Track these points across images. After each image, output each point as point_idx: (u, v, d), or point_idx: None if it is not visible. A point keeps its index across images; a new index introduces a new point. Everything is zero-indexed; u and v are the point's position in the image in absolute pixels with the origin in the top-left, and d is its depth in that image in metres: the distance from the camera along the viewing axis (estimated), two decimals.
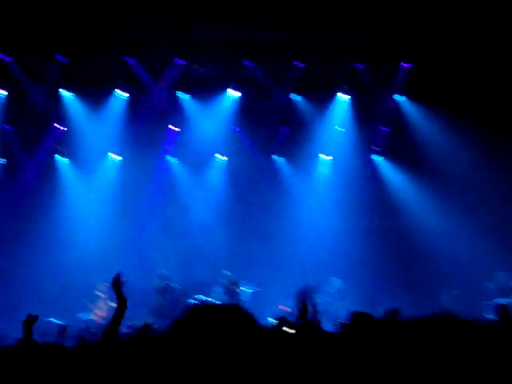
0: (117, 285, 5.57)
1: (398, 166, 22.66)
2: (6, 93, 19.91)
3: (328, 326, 8.43)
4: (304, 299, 7.18)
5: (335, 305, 18.72)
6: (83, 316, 18.61)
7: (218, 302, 19.38)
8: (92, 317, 18.52)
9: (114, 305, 18.60)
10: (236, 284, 19.74)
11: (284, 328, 6.45)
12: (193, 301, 19.38)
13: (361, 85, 21.16)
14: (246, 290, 20.20)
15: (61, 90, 20.30)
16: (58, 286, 20.04)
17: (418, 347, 4.27)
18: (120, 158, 21.78)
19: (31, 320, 6.35)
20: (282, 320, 6.22)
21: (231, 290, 19.51)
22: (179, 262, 22.62)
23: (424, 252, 21.43)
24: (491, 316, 8.86)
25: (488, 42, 19.37)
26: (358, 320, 5.10)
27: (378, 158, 23.07)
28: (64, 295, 19.80)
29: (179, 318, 2.47)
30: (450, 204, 21.55)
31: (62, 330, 7.89)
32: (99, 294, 19.00)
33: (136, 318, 18.71)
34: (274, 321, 7.53)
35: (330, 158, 22.92)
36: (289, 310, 16.63)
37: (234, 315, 2.42)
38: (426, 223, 21.97)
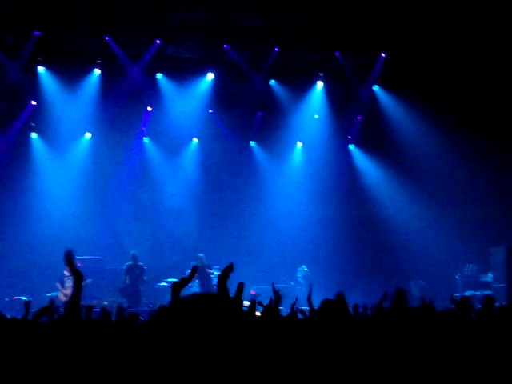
0: (69, 260, 5.57)
1: (373, 156, 22.82)
2: None
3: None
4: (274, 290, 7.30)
5: (303, 291, 18.81)
6: (51, 295, 18.55)
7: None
8: (59, 296, 18.46)
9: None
10: (209, 266, 19.80)
11: (256, 312, 6.52)
12: (163, 283, 19.43)
13: (338, 73, 21.21)
14: (216, 273, 20.25)
15: (38, 66, 20.07)
16: (28, 264, 19.92)
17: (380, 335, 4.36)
18: (90, 134, 21.63)
19: None
20: (254, 304, 6.25)
21: (204, 273, 19.57)
22: (150, 244, 22.62)
23: (395, 241, 21.64)
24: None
25: (464, 30, 19.51)
26: (328, 307, 5.16)
27: (352, 147, 23.22)
28: (33, 274, 19.69)
29: (161, 309, 2.47)
30: (423, 195, 21.78)
31: (26, 304, 7.86)
32: (66, 273, 18.95)
33: (106, 298, 18.82)
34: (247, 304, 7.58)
35: (300, 144, 23.05)
36: (257, 294, 16.75)
37: (219, 304, 2.43)
38: (399, 213, 22.17)
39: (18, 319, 6.18)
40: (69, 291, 18.68)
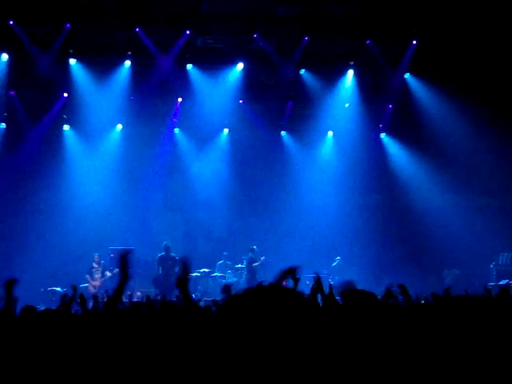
0: (123, 261, 5.61)
1: (404, 144, 22.64)
2: (6, 56, 19.68)
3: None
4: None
5: (336, 280, 18.78)
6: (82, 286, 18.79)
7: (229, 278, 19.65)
8: (89, 287, 18.67)
9: (109, 274, 18.64)
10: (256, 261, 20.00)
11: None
12: (196, 273, 19.51)
13: (369, 61, 21.04)
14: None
15: (69, 59, 20.19)
16: (61, 255, 20.12)
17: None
18: (121, 126, 21.77)
19: (10, 283, 6.44)
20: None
21: (251, 268, 19.82)
22: (182, 235, 22.71)
23: (428, 230, 21.48)
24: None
25: (494, 17, 19.23)
26: (357, 298, 5.10)
27: (383, 136, 23.08)
28: (67, 264, 19.88)
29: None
30: (456, 183, 21.55)
31: (63, 297, 7.95)
32: (94, 264, 19.15)
33: (139, 288, 18.96)
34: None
35: (331, 133, 22.97)
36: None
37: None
38: (432, 202, 21.98)
39: (50, 311, 6.24)
40: (97, 283, 18.87)
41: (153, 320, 4.61)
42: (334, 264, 20.98)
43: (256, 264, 19.90)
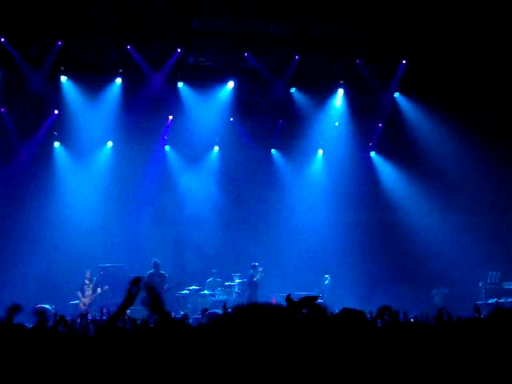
0: (132, 286, 5.59)
1: (394, 163, 22.75)
2: None
3: None
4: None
5: (325, 298, 18.79)
6: (73, 303, 18.75)
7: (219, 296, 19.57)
8: (79, 304, 18.63)
9: (99, 291, 18.55)
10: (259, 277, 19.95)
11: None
12: (185, 291, 19.46)
13: (359, 80, 21.17)
14: (237, 281, 20.31)
15: (60, 76, 20.22)
16: (51, 272, 20.06)
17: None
18: (111, 143, 21.80)
19: (15, 309, 6.36)
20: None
21: (253, 283, 19.77)
22: (172, 252, 22.66)
23: (417, 248, 21.53)
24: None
25: (485, 37, 19.42)
26: (348, 316, 5.13)
27: (373, 154, 23.18)
28: (57, 281, 19.83)
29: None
30: (445, 201, 21.65)
31: (39, 314, 7.89)
32: (86, 281, 19.11)
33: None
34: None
35: (321, 152, 23.06)
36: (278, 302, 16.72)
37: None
38: (421, 220, 22.06)
39: (37, 328, 6.24)
40: (88, 299, 18.83)
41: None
42: (326, 283, 21.00)
43: (257, 278, 19.80)
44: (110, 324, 5.38)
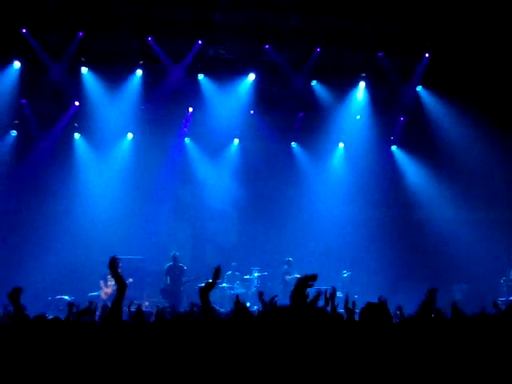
0: (113, 266, 5.53)
1: (415, 157, 22.55)
2: (18, 64, 19.66)
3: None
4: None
5: (344, 293, 18.69)
6: (93, 295, 18.75)
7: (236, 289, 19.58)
8: (100, 294, 18.64)
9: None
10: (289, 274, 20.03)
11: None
12: (203, 284, 19.43)
13: (381, 74, 20.98)
14: (256, 275, 20.30)
15: (81, 67, 20.22)
16: (71, 263, 20.13)
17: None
18: (131, 135, 21.81)
19: (16, 292, 6.33)
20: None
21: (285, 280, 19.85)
22: (191, 245, 22.67)
23: (438, 244, 21.35)
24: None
25: (508, 30, 19.18)
26: (371, 310, 5.05)
27: (395, 148, 23.00)
28: (77, 273, 19.90)
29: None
30: (467, 196, 21.43)
31: (69, 305, 7.89)
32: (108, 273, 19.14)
33: (148, 298, 18.94)
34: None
35: (342, 145, 22.92)
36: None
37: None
38: (442, 215, 21.86)
39: (60, 319, 6.18)
40: (110, 290, 18.83)
41: (165, 332, 4.59)
42: (345, 276, 20.88)
43: (289, 277, 19.87)
44: (114, 311, 5.31)
